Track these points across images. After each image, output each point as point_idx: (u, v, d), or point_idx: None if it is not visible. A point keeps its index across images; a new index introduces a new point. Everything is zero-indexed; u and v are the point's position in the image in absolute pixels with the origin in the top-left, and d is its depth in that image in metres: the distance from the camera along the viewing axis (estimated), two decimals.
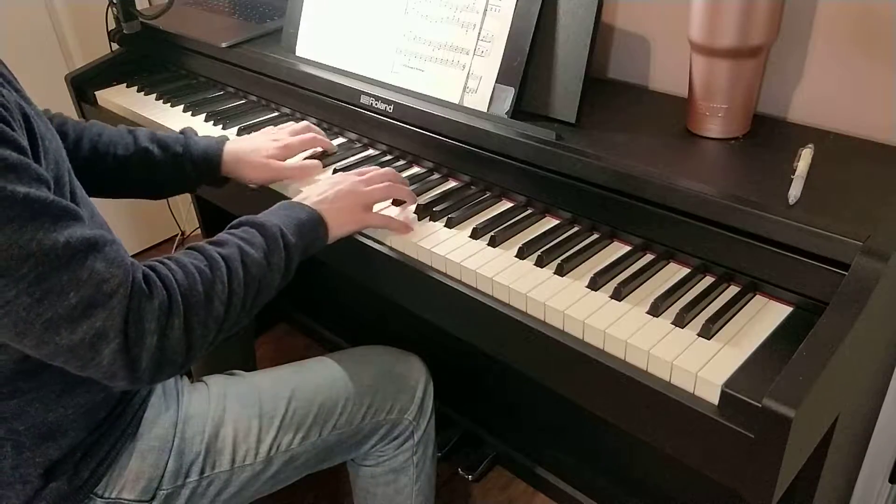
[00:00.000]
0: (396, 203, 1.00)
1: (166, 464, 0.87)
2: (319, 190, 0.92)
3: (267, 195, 1.11)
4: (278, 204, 0.88)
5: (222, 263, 0.76)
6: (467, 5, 1.05)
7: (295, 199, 0.90)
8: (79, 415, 0.81)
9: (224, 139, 1.10)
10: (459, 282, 0.88)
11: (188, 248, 0.78)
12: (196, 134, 1.10)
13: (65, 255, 0.64)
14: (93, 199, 0.85)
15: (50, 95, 0.78)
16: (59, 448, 0.81)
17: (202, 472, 0.90)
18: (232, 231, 0.82)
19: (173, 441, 0.89)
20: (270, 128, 1.17)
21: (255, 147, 1.09)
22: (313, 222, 0.87)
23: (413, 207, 0.98)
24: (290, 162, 1.09)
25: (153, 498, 0.87)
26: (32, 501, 0.80)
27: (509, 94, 1.01)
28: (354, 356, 1.08)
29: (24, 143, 0.67)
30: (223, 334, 0.77)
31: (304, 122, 1.16)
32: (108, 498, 0.84)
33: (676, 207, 0.83)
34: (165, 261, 0.75)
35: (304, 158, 1.12)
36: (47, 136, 0.74)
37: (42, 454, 0.80)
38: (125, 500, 0.85)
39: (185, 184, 1.09)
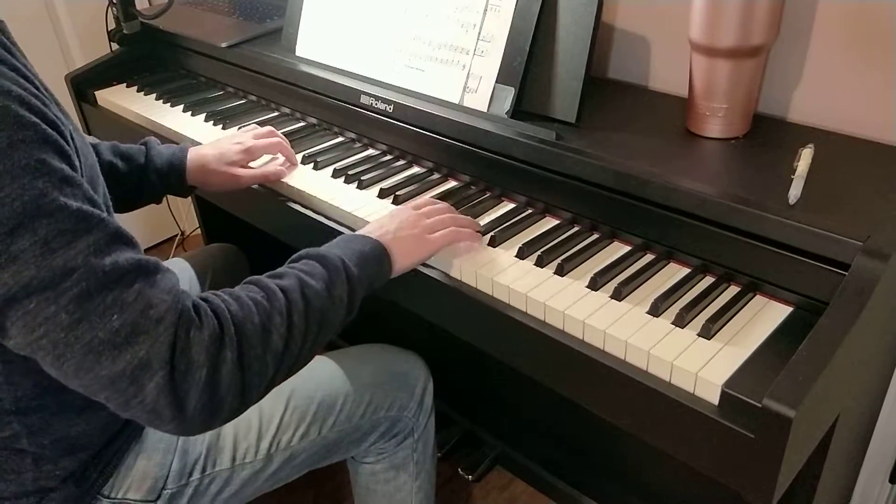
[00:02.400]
0: None
1: (171, 463, 0.87)
2: (379, 223, 0.88)
3: (267, 196, 1.11)
4: (340, 237, 0.84)
5: (281, 295, 0.71)
6: (467, 5, 1.05)
7: (356, 233, 0.86)
8: (98, 428, 0.81)
9: (186, 147, 1.10)
10: (459, 282, 0.88)
11: (245, 282, 0.74)
12: (159, 143, 1.09)
13: (112, 275, 0.61)
14: None
15: None
16: (77, 461, 0.81)
17: (204, 470, 0.90)
18: (292, 264, 0.78)
19: (177, 441, 0.89)
20: (234, 131, 1.16)
21: (219, 153, 1.08)
22: (377, 254, 0.82)
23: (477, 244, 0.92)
24: (254, 164, 1.11)
25: (158, 498, 0.87)
26: (42, 503, 0.80)
27: (509, 93, 1.01)
28: (354, 354, 1.08)
29: (76, 161, 0.65)
30: (282, 374, 0.71)
31: (269, 128, 1.15)
32: (115, 498, 0.84)
33: (676, 207, 0.83)
34: (219, 293, 0.70)
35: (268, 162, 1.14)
36: (84, 153, 0.72)
37: (62, 468, 0.80)
38: (131, 500, 0.85)
39: (152, 195, 1.08)
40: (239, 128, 1.26)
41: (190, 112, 1.36)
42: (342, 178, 1.09)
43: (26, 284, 0.58)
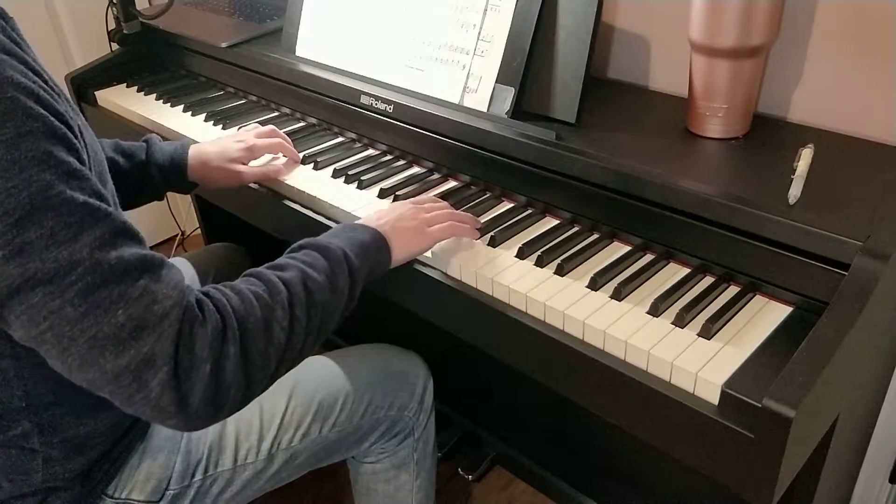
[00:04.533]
0: None
1: (174, 464, 0.88)
2: (378, 213, 0.88)
3: (267, 196, 1.11)
4: (339, 226, 0.84)
5: (283, 288, 0.71)
6: (467, 5, 1.05)
7: (356, 222, 0.86)
8: (107, 427, 0.81)
9: (188, 143, 1.10)
10: (459, 282, 0.88)
11: (246, 275, 0.74)
12: (160, 140, 1.09)
13: (117, 269, 0.60)
14: None
15: None
16: (86, 461, 0.81)
17: (206, 471, 0.90)
18: (293, 255, 0.77)
19: (181, 441, 0.89)
20: (234, 131, 1.15)
21: (221, 150, 1.08)
22: (377, 244, 0.82)
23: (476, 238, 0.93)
24: (255, 163, 1.11)
25: (161, 498, 0.87)
26: (46, 502, 0.81)
27: (509, 94, 1.01)
28: (354, 354, 1.08)
29: (85, 155, 0.65)
30: (285, 366, 0.71)
31: (270, 126, 1.16)
32: (118, 498, 0.84)
33: (676, 207, 0.83)
34: (220, 287, 0.70)
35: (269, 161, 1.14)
36: (94, 149, 0.72)
37: (70, 469, 0.80)
38: (134, 500, 0.85)
39: (153, 191, 1.08)
40: (239, 128, 1.26)
41: (190, 112, 1.36)
42: (342, 178, 1.09)
43: (31, 277, 0.58)
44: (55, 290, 0.59)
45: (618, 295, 0.80)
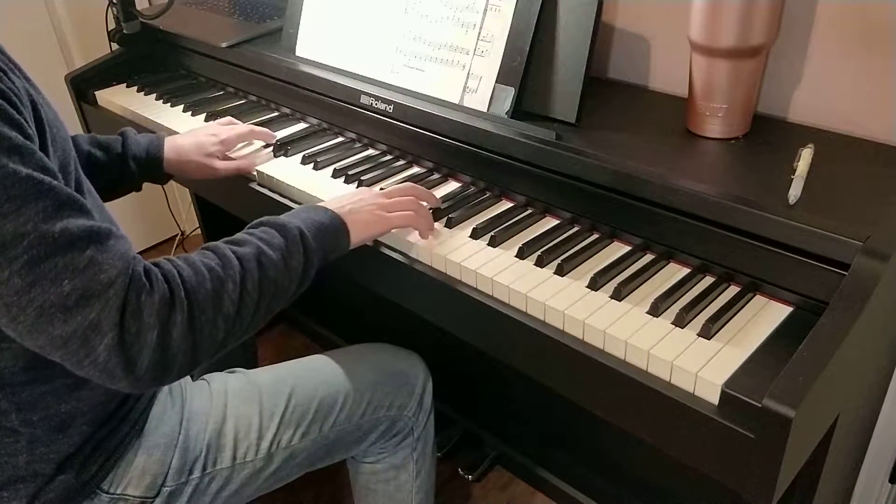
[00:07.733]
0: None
1: (171, 460, 0.87)
2: (340, 198, 0.91)
3: (268, 197, 1.11)
4: (299, 207, 0.87)
5: (236, 262, 0.74)
6: (467, 5, 1.05)
7: (316, 204, 0.88)
8: (90, 407, 0.81)
9: (162, 135, 1.13)
10: (459, 282, 0.88)
11: (202, 248, 0.76)
12: (135, 133, 1.12)
13: (62, 241, 0.62)
14: None
15: (50, 95, 0.79)
16: (72, 443, 0.81)
17: (204, 468, 0.90)
18: (251, 231, 0.80)
19: (178, 438, 0.89)
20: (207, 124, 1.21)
21: (196, 144, 1.12)
22: (335, 227, 0.85)
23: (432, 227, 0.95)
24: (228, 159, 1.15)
25: (157, 495, 0.87)
26: (40, 494, 0.80)
27: (509, 94, 1.01)
28: (354, 353, 1.08)
29: (32, 130, 0.66)
30: (234, 337, 0.74)
31: (227, 119, 1.21)
32: (114, 494, 0.84)
33: (676, 207, 0.83)
34: (173, 259, 0.72)
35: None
36: (55, 125, 0.73)
37: (56, 450, 0.80)
38: (130, 496, 0.85)
39: (131, 183, 1.11)
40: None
41: (190, 112, 1.36)
42: (342, 178, 1.09)
43: None
44: (2, 261, 0.61)
45: (618, 295, 0.80)
